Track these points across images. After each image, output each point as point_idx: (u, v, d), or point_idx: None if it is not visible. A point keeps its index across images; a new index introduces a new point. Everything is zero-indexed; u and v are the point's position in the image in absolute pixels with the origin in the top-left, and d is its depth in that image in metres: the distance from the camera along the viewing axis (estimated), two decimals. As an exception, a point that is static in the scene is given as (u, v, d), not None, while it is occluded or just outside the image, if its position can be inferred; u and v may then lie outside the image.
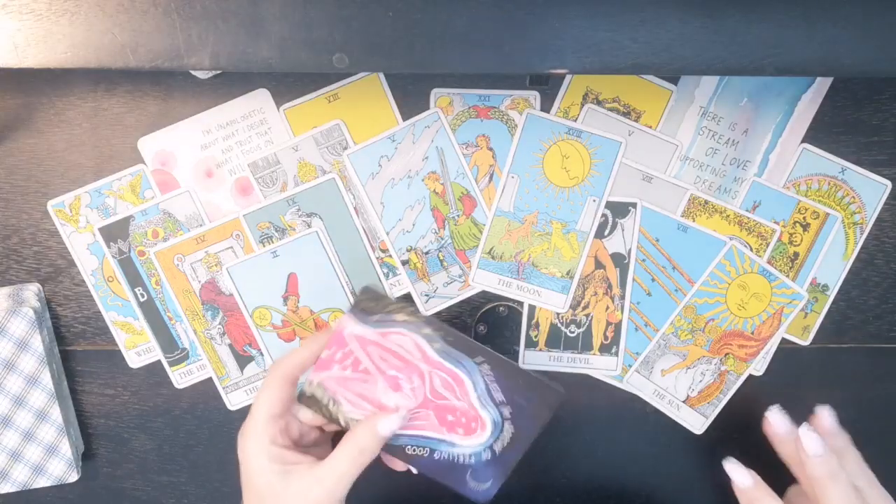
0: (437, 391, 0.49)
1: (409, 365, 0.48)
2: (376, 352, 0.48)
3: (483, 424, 0.48)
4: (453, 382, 0.48)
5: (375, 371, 0.48)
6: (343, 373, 0.48)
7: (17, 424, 0.55)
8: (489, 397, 0.48)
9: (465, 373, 0.48)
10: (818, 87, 0.55)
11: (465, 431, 0.49)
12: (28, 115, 0.54)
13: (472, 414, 0.49)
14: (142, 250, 0.56)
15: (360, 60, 0.42)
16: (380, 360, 0.48)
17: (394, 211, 0.56)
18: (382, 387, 0.48)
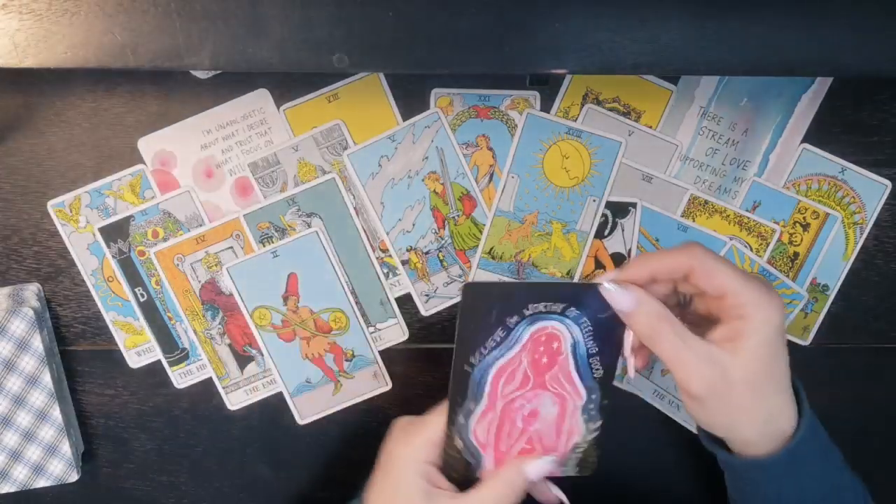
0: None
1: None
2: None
3: (580, 394, 0.48)
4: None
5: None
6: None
7: (17, 424, 0.55)
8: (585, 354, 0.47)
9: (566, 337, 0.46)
10: (818, 87, 0.55)
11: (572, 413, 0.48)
12: (28, 115, 0.54)
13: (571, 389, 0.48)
14: (142, 250, 0.56)
15: (360, 60, 0.42)
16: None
17: (394, 211, 0.56)
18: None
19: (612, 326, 0.45)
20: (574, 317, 0.45)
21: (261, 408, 0.59)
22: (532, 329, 0.45)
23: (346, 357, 0.59)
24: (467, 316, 0.45)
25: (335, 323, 0.58)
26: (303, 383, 0.59)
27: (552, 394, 0.47)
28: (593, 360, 0.47)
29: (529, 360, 0.46)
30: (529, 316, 0.45)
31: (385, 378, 0.59)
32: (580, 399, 0.48)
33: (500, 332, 0.45)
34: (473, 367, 0.46)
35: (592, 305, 0.45)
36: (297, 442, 0.61)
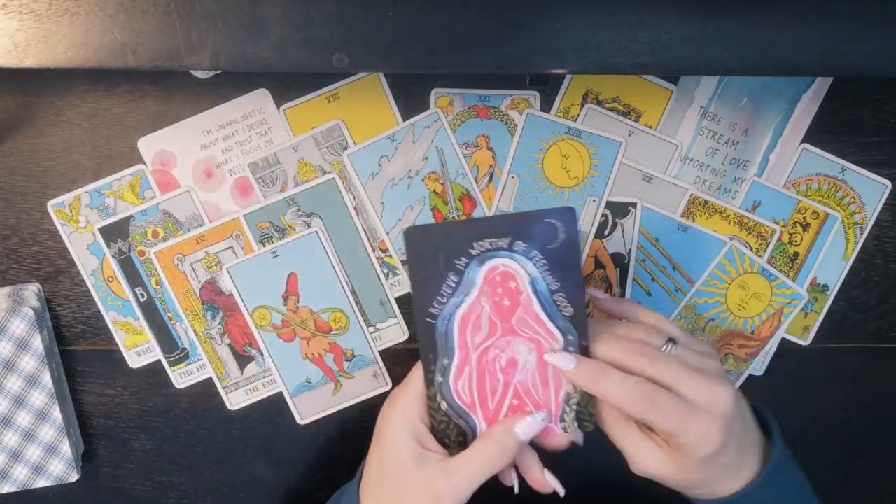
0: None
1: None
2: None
3: (553, 336, 0.45)
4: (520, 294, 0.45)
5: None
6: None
7: (17, 424, 0.55)
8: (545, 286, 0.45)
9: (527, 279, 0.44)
10: (818, 87, 0.55)
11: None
12: (28, 115, 0.54)
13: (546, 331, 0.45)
14: (142, 250, 0.56)
15: (360, 60, 0.42)
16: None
17: (394, 211, 0.56)
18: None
19: (567, 257, 0.44)
20: (523, 251, 0.44)
21: (261, 408, 0.59)
22: (484, 269, 0.44)
23: (346, 357, 0.59)
24: (416, 263, 0.44)
25: (335, 323, 0.58)
26: (303, 383, 0.59)
27: (524, 339, 0.45)
28: (558, 297, 0.45)
29: (491, 305, 0.45)
30: (477, 256, 0.44)
31: (385, 378, 0.59)
32: (556, 342, 0.45)
33: (453, 276, 0.44)
34: (436, 317, 0.45)
35: (539, 236, 0.43)
36: (297, 442, 0.61)
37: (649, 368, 0.43)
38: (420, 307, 0.44)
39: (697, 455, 0.42)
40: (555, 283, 0.44)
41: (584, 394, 0.46)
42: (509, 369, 0.45)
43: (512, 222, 0.43)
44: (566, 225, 0.43)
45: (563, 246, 0.43)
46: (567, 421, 0.46)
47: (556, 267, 0.44)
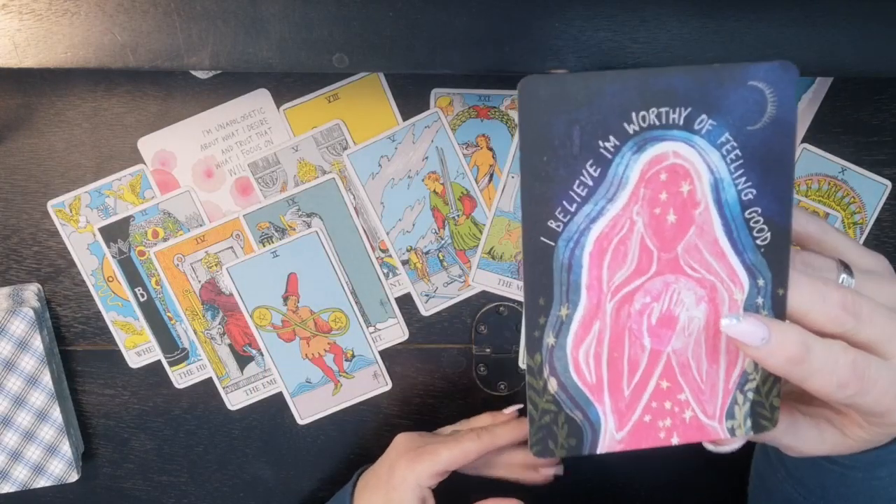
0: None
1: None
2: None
3: (739, 282, 0.30)
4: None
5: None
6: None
7: (17, 424, 0.55)
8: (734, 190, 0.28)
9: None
10: (818, 87, 0.55)
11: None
12: (28, 115, 0.54)
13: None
14: (142, 250, 0.56)
15: (360, 60, 0.42)
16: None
17: (394, 211, 0.56)
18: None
19: (777, 148, 0.28)
20: (709, 132, 0.28)
21: (261, 408, 0.59)
22: (644, 159, 0.28)
23: (346, 357, 0.59)
24: (532, 140, 0.27)
25: (335, 323, 0.58)
26: (303, 383, 0.59)
27: (693, 280, 0.29)
28: (751, 213, 0.29)
29: (647, 219, 0.29)
30: (636, 134, 0.28)
31: (385, 378, 0.59)
32: (740, 287, 0.29)
33: (591, 167, 0.28)
34: (556, 236, 0.28)
35: (735, 109, 0.28)
36: (297, 442, 0.61)
37: (854, 330, 0.30)
38: (533, 217, 0.28)
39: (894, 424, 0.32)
40: (750, 189, 0.28)
41: (765, 374, 0.31)
42: (663, 330, 0.30)
43: (695, 81, 0.27)
44: (781, 93, 0.28)
45: (773, 128, 0.28)
46: (737, 417, 0.31)
47: (755, 163, 0.28)
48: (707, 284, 0.29)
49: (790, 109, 0.28)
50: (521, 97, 0.27)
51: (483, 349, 0.59)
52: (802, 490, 0.39)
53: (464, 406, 0.60)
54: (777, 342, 0.29)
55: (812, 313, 0.30)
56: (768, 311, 0.30)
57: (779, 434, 0.33)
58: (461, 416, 0.60)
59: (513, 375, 0.59)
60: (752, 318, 0.29)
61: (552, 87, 0.27)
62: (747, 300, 0.29)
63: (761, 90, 0.28)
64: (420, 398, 0.60)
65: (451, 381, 0.60)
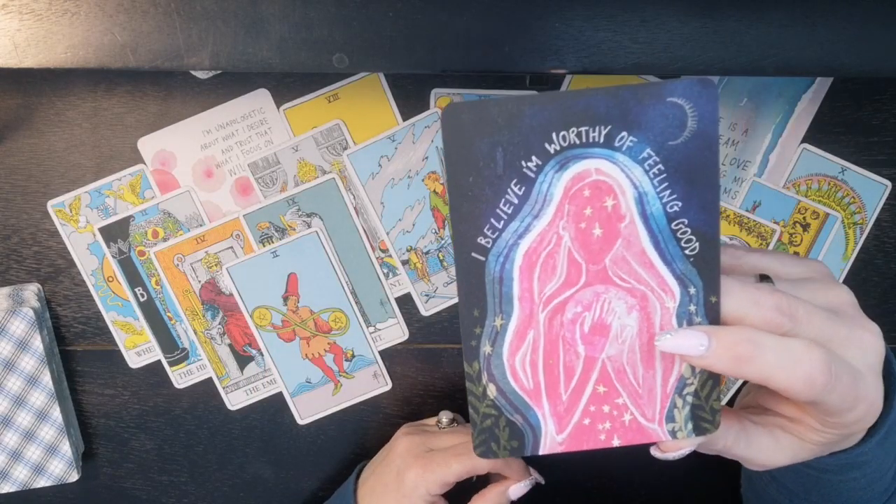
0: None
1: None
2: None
3: (670, 290, 0.30)
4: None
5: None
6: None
7: (17, 424, 0.55)
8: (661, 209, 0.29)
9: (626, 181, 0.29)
10: (818, 87, 0.55)
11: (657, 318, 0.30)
12: (28, 115, 0.54)
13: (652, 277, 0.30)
14: (142, 250, 0.56)
15: (360, 60, 0.42)
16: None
17: (394, 211, 0.56)
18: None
19: (699, 161, 0.28)
20: (630, 148, 0.28)
21: (261, 408, 0.60)
22: (566, 177, 0.29)
23: (346, 357, 0.59)
24: (458, 163, 0.28)
25: (335, 323, 0.58)
26: (303, 383, 0.59)
27: (623, 290, 0.30)
28: (678, 225, 0.29)
29: (573, 234, 0.29)
30: (557, 154, 0.28)
31: (385, 378, 0.59)
32: (671, 296, 0.30)
33: (516, 186, 0.29)
34: (486, 251, 0.29)
35: (655, 124, 0.28)
36: (297, 442, 0.61)
37: (792, 333, 0.30)
38: (463, 234, 0.29)
39: (857, 426, 0.32)
40: (675, 202, 0.29)
41: (704, 377, 0.31)
42: (596, 337, 0.31)
43: (614, 100, 0.28)
44: (701, 108, 0.28)
45: (694, 142, 0.28)
46: (678, 420, 0.31)
47: (679, 176, 0.29)
48: (637, 294, 0.30)
49: (712, 123, 0.28)
50: (445, 122, 0.28)
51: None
52: (786, 493, 0.39)
53: (464, 406, 0.60)
54: (719, 346, 0.29)
55: (747, 318, 0.30)
56: (702, 319, 0.30)
57: (732, 445, 0.33)
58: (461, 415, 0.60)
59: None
60: (684, 331, 0.29)
61: (473, 112, 0.28)
62: (679, 308, 0.30)
63: (681, 105, 0.28)
64: (420, 398, 0.60)
65: (451, 381, 0.60)
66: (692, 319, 0.30)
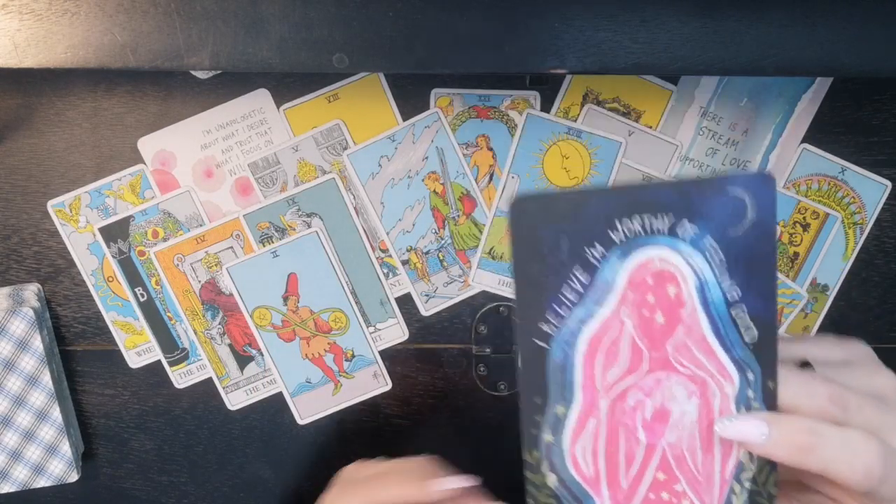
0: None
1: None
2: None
3: (729, 376, 0.31)
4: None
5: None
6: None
7: (17, 424, 0.55)
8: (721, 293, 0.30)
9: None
10: (818, 87, 0.55)
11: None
12: (28, 115, 0.54)
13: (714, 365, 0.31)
14: (142, 250, 0.56)
15: (360, 60, 0.42)
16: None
17: (394, 211, 0.56)
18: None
19: (758, 250, 0.29)
20: (693, 238, 0.29)
21: (261, 408, 0.59)
22: (629, 265, 0.29)
23: (346, 357, 0.59)
24: (524, 252, 0.29)
25: (335, 323, 0.58)
26: (303, 383, 0.59)
27: (684, 377, 0.30)
28: (737, 311, 0.30)
29: (637, 321, 0.30)
30: (621, 243, 0.29)
31: (385, 378, 0.59)
32: (730, 382, 0.30)
33: (580, 273, 0.29)
34: (549, 339, 0.30)
35: (717, 215, 0.29)
36: (297, 442, 0.61)
37: (844, 423, 0.30)
38: (526, 321, 0.30)
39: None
40: (736, 290, 0.30)
41: (762, 463, 0.31)
42: (656, 424, 0.31)
43: (677, 191, 0.29)
44: (761, 200, 0.29)
45: (754, 232, 0.29)
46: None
47: (739, 265, 0.30)
48: (698, 380, 0.30)
49: (770, 214, 0.29)
50: (512, 214, 0.29)
51: (483, 349, 0.59)
52: None
53: (464, 406, 0.60)
54: (780, 434, 0.29)
55: (801, 408, 0.30)
56: (759, 404, 0.31)
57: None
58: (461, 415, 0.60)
59: (513, 375, 0.59)
60: (745, 417, 0.30)
61: (539, 203, 0.29)
62: (738, 394, 0.30)
63: (742, 198, 0.29)
64: (420, 398, 0.60)
65: (451, 381, 0.60)
66: (750, 405, 0.31)
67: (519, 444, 0.40)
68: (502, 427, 0.61)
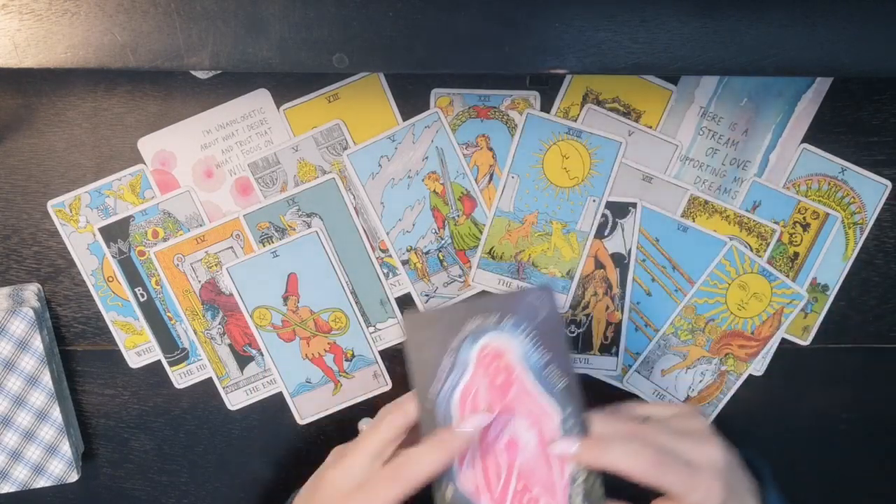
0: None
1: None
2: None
3: (553, 413, 0.45)
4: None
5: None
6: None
7: (17, 424, 0.55)
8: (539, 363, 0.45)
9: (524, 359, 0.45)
10: (818, 87, 0.55)
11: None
12: (28, 115, 0.54)
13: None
14: (142, 250, 0.56)
15: (360, 60, 0.42)
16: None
17: (394, 211, 0.56)
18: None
19: (554, 329, 0.45)
20: (511, 326, 0.45)
21: (261, 408, 0.59)
22: (476, 347, 0.45)
23: (346, 357, 0.59)
24: (415, 348, 0.46)
25: (335, 323, 0.58)
26: (303, 383, 0.59)
27: (523, 416, 0.45)
28: (549, 370, 0.45)
29: (487, 383, 0.45)
30: (469, 335, 0.45)
31: (385, 378, 0.59)
32: (554, 416, 0.45)
33: (447, 358, 0.45)
34: (434, 402, 0.45)
35: (524, 311, 0.45)
36: (297, 442, 0.61)
37: (645, 438, 0.44)
38: (420, 391, 0.45)
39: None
40: (545, 354, 0.45)
41: (590, 471, 0.44)
42: (511, 450, 0.45)
43: (498, 301, 0.46)
44: (544, 302, 0.45)
45: (547, 320, 0.45)
46: (576, 502, 0.44)
47: (544, 339, 0.45)
48: (533, 416, 0.45)
49: (553, 309, 0.45)
50: (407, 325, 0.46)
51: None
52: None
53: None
54: (583, 445, 0.43)
55: (609, 431, 0.44)
56: (579, 430, 0.44)
57: None
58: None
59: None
60: (562, 440, 0.44)
61: (421, 316, 0.50)
62: (562, 423, 0.44)
63: (534, 304, 0.45)
64: (420, 398, 0.60)
65: (451, 381, 0.60)
66: (570, 431, 0.44)
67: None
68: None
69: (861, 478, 0.64)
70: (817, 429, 0.62)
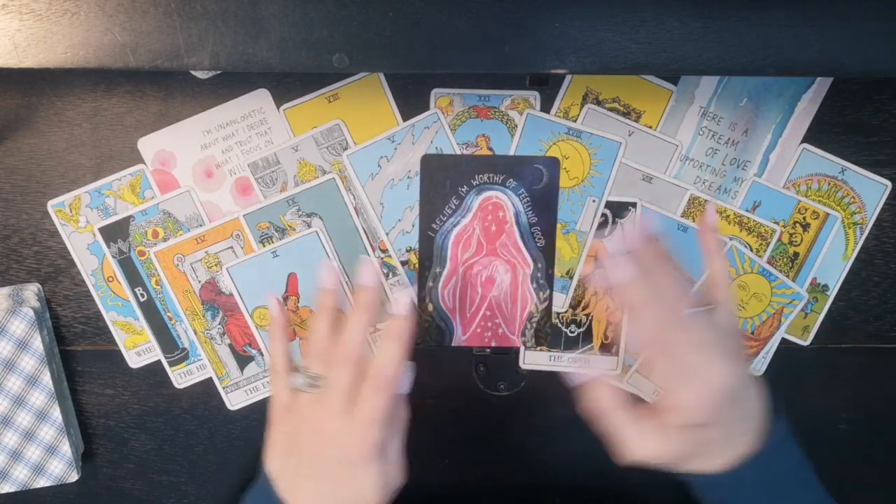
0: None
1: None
2: None
3: (527, 262, 0.56)
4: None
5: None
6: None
7: (17, 424, 0.55)
8: None
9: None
10: (818, 87, 0.55)
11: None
12: (28, 115, 0.54)
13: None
14: (142, 250, 0.56)
15: (360, 60, 0.42)
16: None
17: (393, 211, 0.56)
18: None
19: (546, 198, 0.54)
20: (514, 187, 0.54)
21: (261, 408, 0.59)
22: (480, 198, 0.54)
23: (346, 357, 0.58)
24: (426, 185, 0.54)
25: (335, 323, 0.58)
26: (303, 383, 0.59)
27: (504, 261, 0.55)
28: (535, 230, 0.55)
29: (481, 228, 0.54)
30: (477, 186, 0.54)
31: (385, 378, 0.59)
32: (528, 267, 0.55)
33: (455, 200, 0.54)
34: (436, 232, 0.55)
35: (528, 177, 0.54)
36: (297, 442, 0.61)
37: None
38: (425, 223, 0.55)
39: (682, 419, 0.44)
40: (534, 217, 0.55)
41: (544, 314, 0.56)
42: (488, 284, 0.56)
43: (508, 162, 0.54)
44: (550, 171, 0.54)
45: (546, 188, 0.54)
46: (527, 336, 0.57)
47: (537, 205, 0.55)
48: (511, 263, 0.56)
49: (556, 180, 0.54)
50: (424, 163, 0.54)
51: (483, 349, 0.59)
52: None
53: (464, 406, 0.60)
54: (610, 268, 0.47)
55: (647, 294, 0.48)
56: (544, 281, 0.56)
57: (621, 433, 0.45)
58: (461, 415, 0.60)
59: (512, 375, 0.59)
60: (616, 261, 0.47)
61: (439, 160, 0.55)
62: (532, 273, 0.56)
63: (540, 169, 0.55)
64: (419, 398, 0.60)
65: (450, 380, 0.60)
66: (539, 281, 0.56)
67: (518, 444, 0.40)
68: (502, 426, 0.61)
69: (861, 478, 0.64)
70: (817, 429, 0.62)
